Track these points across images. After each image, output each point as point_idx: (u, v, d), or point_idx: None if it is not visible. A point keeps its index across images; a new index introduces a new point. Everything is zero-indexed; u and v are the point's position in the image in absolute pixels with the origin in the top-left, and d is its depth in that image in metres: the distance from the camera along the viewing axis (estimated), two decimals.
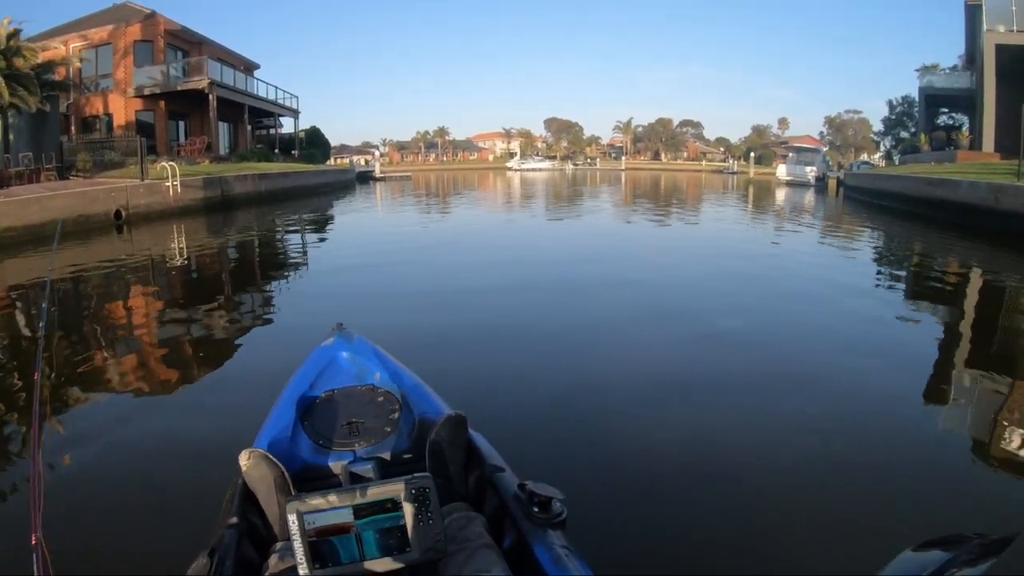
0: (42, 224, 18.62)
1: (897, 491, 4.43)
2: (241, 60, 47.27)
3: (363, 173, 63.50)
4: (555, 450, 5.00)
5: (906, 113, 65.08)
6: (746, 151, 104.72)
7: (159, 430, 5.48)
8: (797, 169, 56.57)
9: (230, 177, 29.73)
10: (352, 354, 3.66)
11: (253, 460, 2.46)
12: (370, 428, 3.06)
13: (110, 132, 35.22)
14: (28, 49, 23.59)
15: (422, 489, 2.05)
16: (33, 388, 2.88)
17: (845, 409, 5.92)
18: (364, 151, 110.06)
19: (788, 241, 20.15)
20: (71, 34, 37.20)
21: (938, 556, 1.37)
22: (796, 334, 8.69)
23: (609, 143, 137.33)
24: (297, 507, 1.95)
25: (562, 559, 2.12)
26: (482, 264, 14.47)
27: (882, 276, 14.05)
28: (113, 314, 10.94)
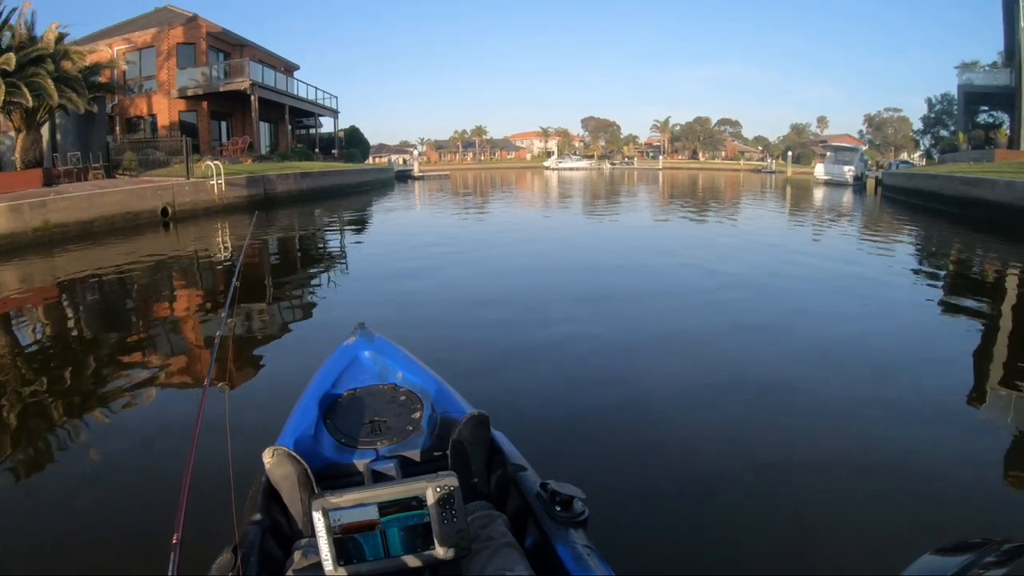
0: (92, 220, 19.05)
1: (930, 496, 4.36)
2: (281, 61, 47.78)
3: (402, 172, 63.88)
4: (579, 449, 5.01)
5: (946, 111, 64.37)
6: (784, 150, 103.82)
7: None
8: (835, 168, 55.50)
9: (273, 176, 30.12)
10: (374, 353, 3.68)
11: (277, 458, 2.49)
12: (392, 427, 3.08)
13: (154, 132, 35.95)
14: (76, 52, 24.02)
15: (447, 487, 2.05)
16: (206, 376, 3.00)
17: (882, 412, 5.77)
18: (402, 150, 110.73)
19: (826, 240, 19.97)
20: (115, 37, 37.88)
21: (959, 560, 1.37)
22: (829, 336, 8.39)
23: (646, 142, 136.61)
24: (323, 504, 1.96)
25: (583, 558, 2.16)
26: (517, 263, 14.34)
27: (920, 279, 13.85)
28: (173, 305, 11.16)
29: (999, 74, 39.75)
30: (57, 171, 22.96)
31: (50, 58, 22.57)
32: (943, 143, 53.75)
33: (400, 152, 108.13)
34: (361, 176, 44.73)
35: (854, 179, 51.45)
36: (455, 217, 26.77)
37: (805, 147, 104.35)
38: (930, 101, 69.62)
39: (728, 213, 28.06)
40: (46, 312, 10.40)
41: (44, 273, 13.93)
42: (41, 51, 22.58)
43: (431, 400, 3.27)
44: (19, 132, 23.24)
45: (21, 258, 15.36)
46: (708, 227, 22.66)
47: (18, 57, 21.23)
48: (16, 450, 5.27)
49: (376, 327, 4.03)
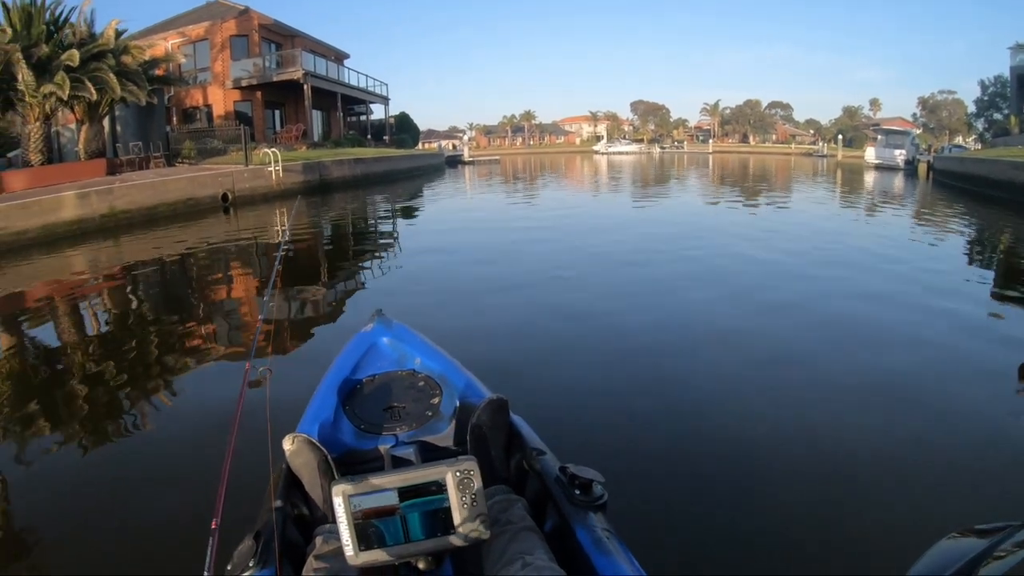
0: (155, 206, 19.53)
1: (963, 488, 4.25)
2: (332, 50, 48.21)
3: (452, 157, 64.12)
4: (598, 433, 5.00)
5: (999, 94, 62.90)
6: (836, 134, 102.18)
7: None
8: (886, 152, 54.15)
9: (328, 162, 30.53)
10: (392, 339, 3.68)
11: (297, 445, 2.50)
12: (411, 412, 3.08)
13: (210, 122, 36.70)
14: (136, 47, 24.82)
15: (466, 472, 2.05)
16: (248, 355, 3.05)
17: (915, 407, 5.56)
18: (451, 136, 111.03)
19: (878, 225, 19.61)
20: (169, 31, 38.68)
21: (977, 544, 1.35)
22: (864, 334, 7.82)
23: (696, 126, 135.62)
24: (344, 489, 1.96)
25: (603, 542, 2.16)
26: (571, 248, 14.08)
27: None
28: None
29: None
30: (120, 160, 23.66)
31: (111, 53, 23.28)
32: (996, 126, 52.46)
33: (449, 137, 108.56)
34: (412, 162, 45.04)
35: (905, 163, 50.16)
36: (508, 202, 26.84)
37: (857, 130, 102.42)
38: (983, 83, 68.28)
39: (778, 198, 27.52)
40: (110, 294, 10.71)
41: (111, 257, 14.37)
42: (102, 47, 23.30)
43: (449, 385, 3.27)
44: (81, 124, 23.98)
45: (89, 243, 15.84)
46: (757, 212, 22.29)
47: (81, 53, 21.86)
48: (66, 426, 5.46)
49: (430, 316, 3.97)
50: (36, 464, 4.80)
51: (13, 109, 22.83)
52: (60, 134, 24.32)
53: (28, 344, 8.13)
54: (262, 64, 38.84)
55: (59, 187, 18.29)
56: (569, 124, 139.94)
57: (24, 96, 21.14)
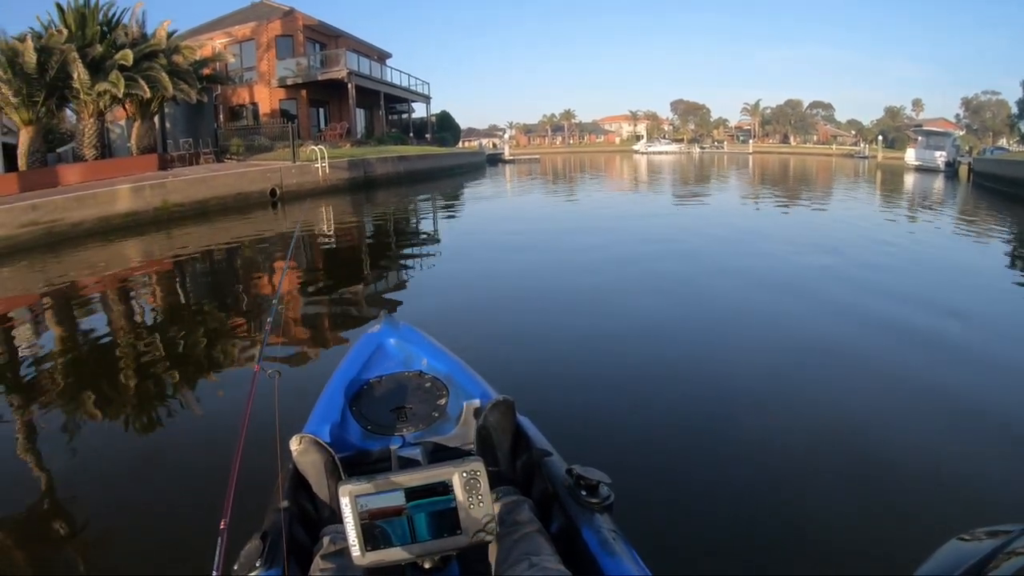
0: (206, 200, 19.94)
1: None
2: (374, 50, 48.62)
3: (492, 156, 64.21)
4: (606, 435, 4.94)
5: None
6: (877, 134, 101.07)
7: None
8: (926, 154, 53.21)
9: (372, 159, 30.93)
10: (399, 340, 3.71)
11: (304, 445, 2.50)
12: (418, 413, 3.11)
13: (256, 120, 37.50)
14: (187, 48, 25.47)
15: (473, 472, 2.07)
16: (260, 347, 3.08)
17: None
18: (491, 134, 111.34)
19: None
20: (216, 31, 39.40)
21: (981, 547, 1.38)
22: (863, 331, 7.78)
23: (736, 125, 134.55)
24: (351, 490, 1.97)
25: (609, 542, 2.17)
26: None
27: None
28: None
29: None
30: (170, 156, 24.23)
31: (162, 53, 23.87)
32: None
33: (489, 136, 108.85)
34: (454, 159, 45.32)
35: (946, 165, 49.19)
36: (551, 201, 27.04)
37: (899, 131, 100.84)
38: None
39: (817, 199, 27.36)
40: (150, 285, 11.05)
41: (163, 247, 14.73)
42: (154, 47, 23.89)
43: (456, 386, 3.29)
44: (132, 121, 24.61)
45: (142, 234, 16.29)
46: (797, 212, 22.22)
47: (134, 53, 22.40)
48: (77, 419, 5.49)
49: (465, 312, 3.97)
50: (49, 454, 4.89)
51: (67, 106, 23.46)
52: (110, 130, 24.87)
53: (62, 332, 8.37)
54: (306, 63, 39.36)
55: (113, 181, 18.84)
56: (609, 123, 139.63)
57: (79, 94, 21.70)
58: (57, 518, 4.07)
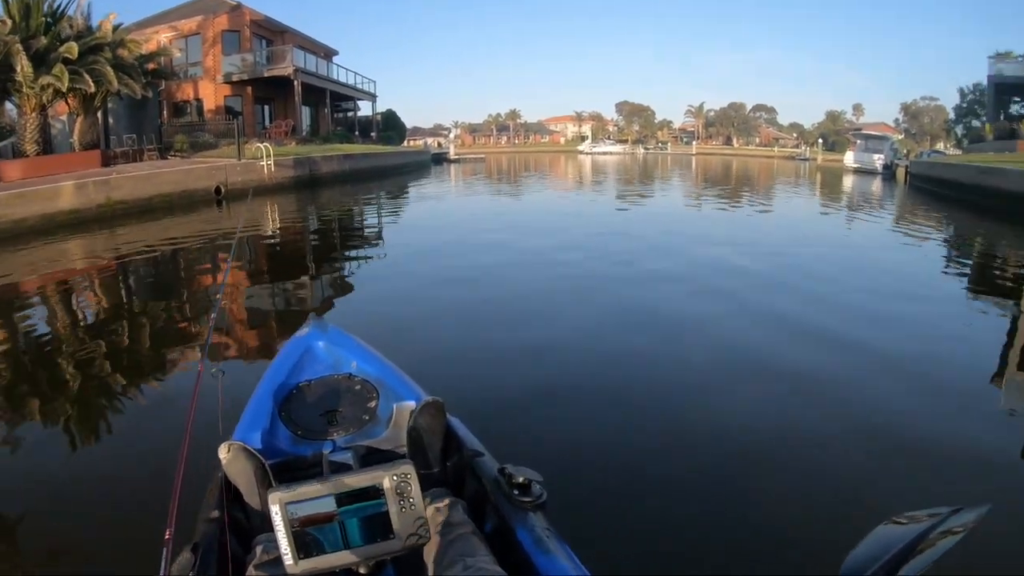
0: (150, 198, 19.94)
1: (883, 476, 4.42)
2: (321, 47, 48.52)
3: (437, 155, 64.12)
4: (537, 433, 4.99)
5: (978, 101, 63.64)
6: (819, 137, 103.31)
7: None
8: (864, 157, 55.02)
9: (317, 157, 31.03)
10: (328, 343, 3.66)
11: (233, 453, 2.42)
12: (348, 417, 3.07)
13: (200, 116, 37.28)
14: (132, 41, 25.17)
15: (403, 476, 2.06)
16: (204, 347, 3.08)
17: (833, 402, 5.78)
18: (436, 133, 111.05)
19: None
20: (162, 25, 38.94)
21: (911, 530, 1.40)
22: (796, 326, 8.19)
23: (680, 127, 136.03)
24: (280, 497, 1.95)
25: (543, 541, 2.19)
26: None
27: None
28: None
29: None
30: (114, 152, 24.06)
31: (108, 47, 23.62)
32: (971, 133, 53.44)
33: (435, 135, 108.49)
34: (399, 158, 45.44)
35: (883, 167, 51.01)
36: (493, 199, 27.58)
37: (840, 135, 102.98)
38: (962, 91, 69.21)
39: (759, 200, 28.24)
40: (92, 284, 10.94)
41: (107, 245, 14.74)
42: (99, 40, 23.62)
43: (386, 388, 3.26)
44: (75, 116, 24.35)
45: (87, 232, 16.28)
46: (735, 214, 22.96)
47: (79, 46, 22.16)
48: (15, 421, 5.37)
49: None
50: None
51: (8, 99, 23.19)
52: (51, 125, 24.59)
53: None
54: (252, 59, 39.27)
55: (56, 177, 18.77)
56: (554, 124, 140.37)
57: (22, 87, 21.41)
58: None
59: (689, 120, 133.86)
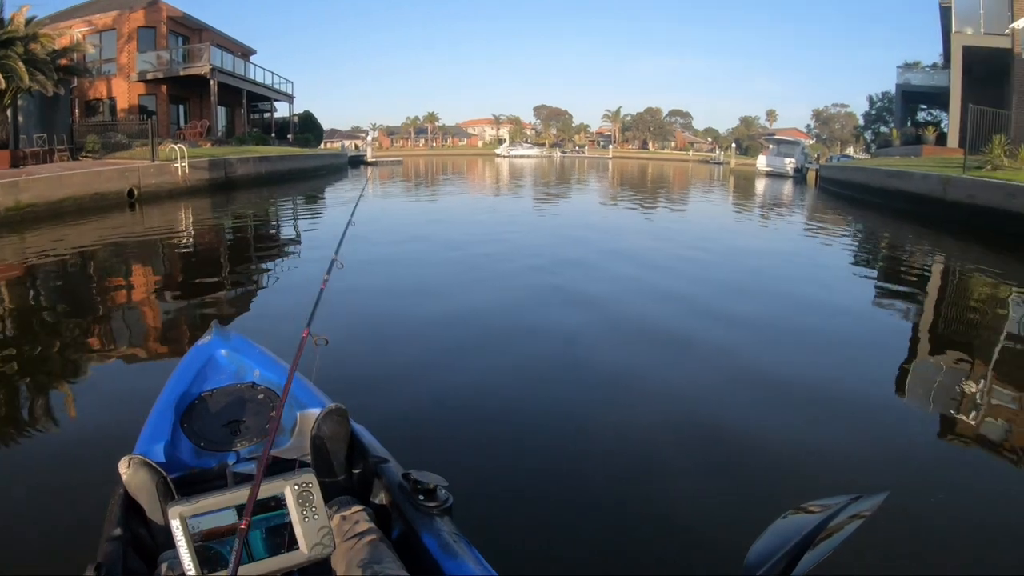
0: (61, 200, 19.67)
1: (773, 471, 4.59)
2: (239, 46, 48.11)
3: (355, 157, 63.44)
4: (442, 438, 5.00)
5: (886, 109, 66.42)
6: (733, 142, 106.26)
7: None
8: (776, 160, 58.13)
9: (233, 159, 30.83)
10: (230, 351, 3.60)
11: (133, 467, 2.37)
12: (252, 427, 3.03)
13: (113, 115, 36.51)
14: (45, 35, 24.41)
15: (305, 485, 2.06)
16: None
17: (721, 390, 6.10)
18: (354, 136, 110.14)
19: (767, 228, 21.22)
20: (76, 19, 37.88)
21: (811, 520, 1.41)
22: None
23: (598, 131, 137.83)
24: (180, 511, 1.92)
25: (450, 545, 2.20)
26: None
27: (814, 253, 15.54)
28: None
29: (938, 75, 41.47)
30: (23, 153, 23.43)
31: (20, 41, 22.89)
32: (880, 138, 55.89)
33: (352, 137, 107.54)
34: (316, 161, 45.32)
35: (794, 171, 54.04)
36: (411, 203, 27.80)
37: (753, 139, 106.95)
38: (871, 99, 72.27)
39: (675, 201, 29.20)
40: (8, 289, 10.76)
41: (15, 251, 14.30)
42: (11, 34, 22.87)
43: (290, 397, 3.04)
44: None
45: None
46: (641, 215, 23.78)
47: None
48: None
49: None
50: None
51: None
52: None
53: None
54: (168, 57, 38.72)
55: None
56: (472, 127, 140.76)
57: None
58: None
59: (606, 124, 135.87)
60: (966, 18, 33.21)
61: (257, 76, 46.04)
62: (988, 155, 21.59)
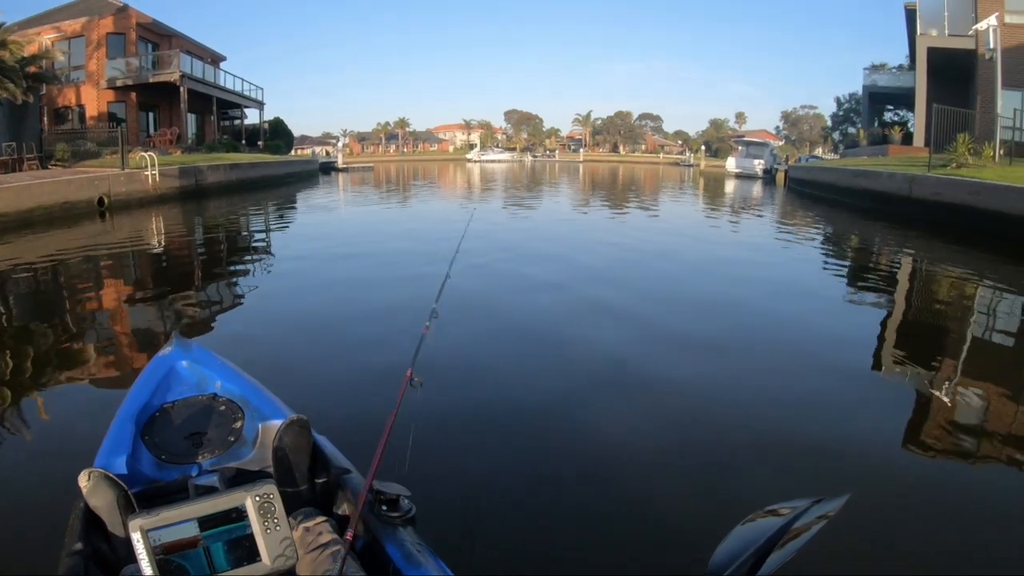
0: (31, 210, 19.62)
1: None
2: (208, 52, 47.96)
3: (326, 164, 63.59)
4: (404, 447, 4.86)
5: (853, 110, 67.46)
6: (703, 144, 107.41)
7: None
8: (745, 162, 59.15)
9: (204, 167, 30.79)
10: (191, 362, 3.55)
11: (93, 481, 2.32)
12: (213, 439, 3.01)
13: (82, 123, 36.17)
14: (14, 43, 24.43)
15: (266, 496, 2.05)
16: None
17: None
18: (324, 142, 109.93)
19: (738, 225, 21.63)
20: (44, 25, 37.63)
21: (773, 523, 1.41)
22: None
23: (568, 135, 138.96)
24: (141, 524, 1.91)
25: (414, 555, 2.21)
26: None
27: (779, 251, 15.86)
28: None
29: (904, 76, 42.41)
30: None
31: None
32: (847, 139, 56.87)
33: (323, 144, 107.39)
34: (287, 168, 45.21)
35: (763, 172, 55.04)
36: (381, 211, 27.77)
37: (723, 142, 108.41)
38: (839, 100, 73.50)
39: (646, 204, 29.43)
40: None
41: None
42: None
43: (251, 408, 3.21)
44: None
45: None
46: (612, 218, 23.98)
47: None
48: None
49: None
50: None
51: None
52: None
53: None
54: (138, 64, 38.56)
55: None
56: (443, 132, 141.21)
57: None
58: None
59: (577, 128, 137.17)
60: (931, 20, 34.07)
61: (227, 83, 45.98)
62: (953, 153, 22.21)
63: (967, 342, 8.55)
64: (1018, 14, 31.53)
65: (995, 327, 9.51)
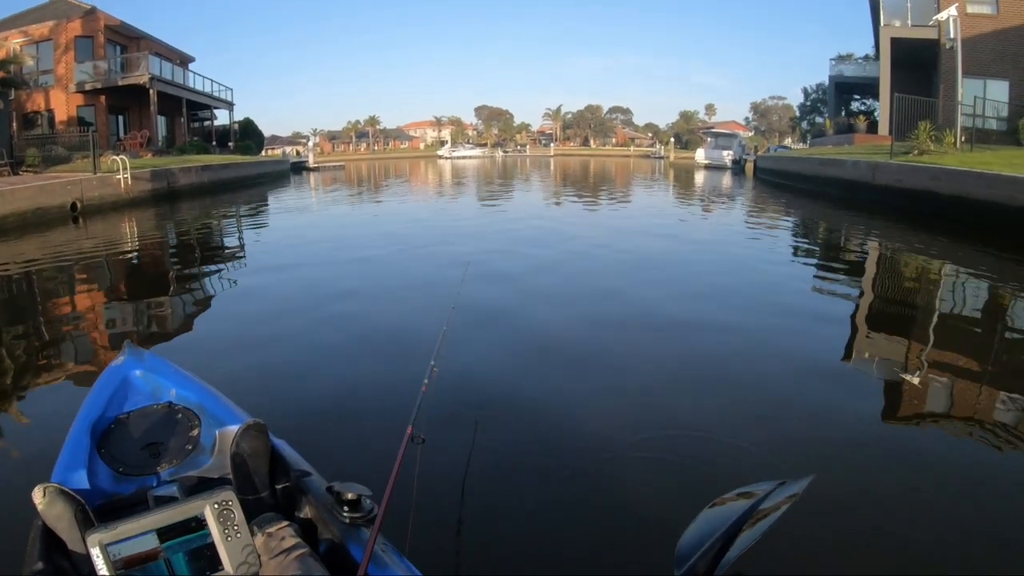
0: (4, 216, 19.67)
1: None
2: (177, 53, 47.87)
3: (297, 164, 63.44)
4: (364, 443, 4.94)
5: (821, 100, 68.52)
6: (672, 136, 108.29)
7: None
8: (714, 153, 60.43)
9: (175, 169, 30.88)
10: (145, 371, 3.51)
11: (49, 497, 2.24)
12: (171, 448, 2.98)
13: (52, 128, 35.94)
14: None
15: (224, 503, 2.05)
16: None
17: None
18: (295, 141, 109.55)
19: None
20: (11, 30, 37.64)
21: (740, 507, 1.42)
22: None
23: (539, 130, 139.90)
24: (99, 538, 1.90)
25: (378, 555, 2.19)
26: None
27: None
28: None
29: (869, 66, 43.32)
30: None
31: None
32: (814, 128, 57.90)
33: (293, 143, 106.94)
34: (258, 168, 45.20)
35: (732, 162, 56.47)
36: (353, 209, 28.03)
37: (693, 133, 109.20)
38: (806, 90, 74.75)
39: (614, 195, 29.79)
40: None
41: None
42: None
43: (208, 415, 3.19)
44: None
45: None
46: (583, 211, 24.31)
47: None
48: None
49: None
50: None
51: None
52: None
53: None
54: (106, 67, 38.49)
55: None
56: (414, 129, 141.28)
57: None
58: None
59: (547, 123, 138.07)
60: (895, 11, 35.08)
61: (196, 84, 45.96)
62: (915, 140, 23.04)
63: (929, 324, 8.76)
64: (978, 4, 32.47)
65: (956, 311, 9.71)
